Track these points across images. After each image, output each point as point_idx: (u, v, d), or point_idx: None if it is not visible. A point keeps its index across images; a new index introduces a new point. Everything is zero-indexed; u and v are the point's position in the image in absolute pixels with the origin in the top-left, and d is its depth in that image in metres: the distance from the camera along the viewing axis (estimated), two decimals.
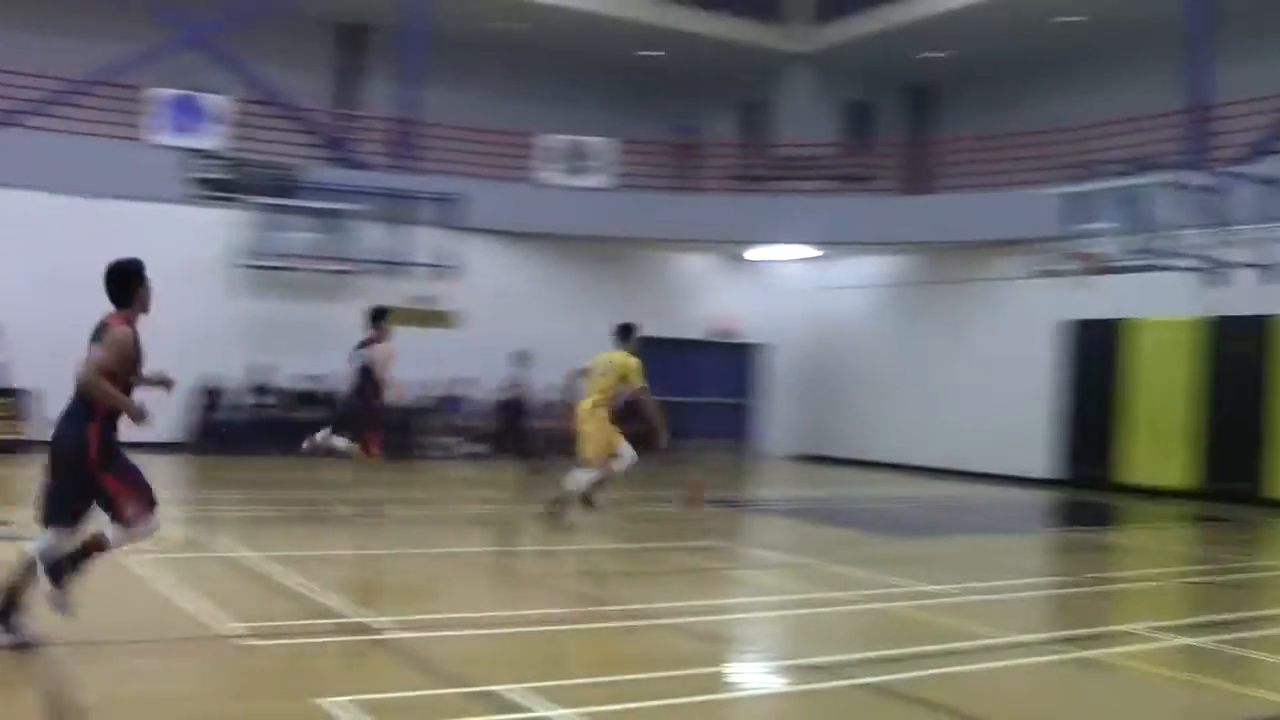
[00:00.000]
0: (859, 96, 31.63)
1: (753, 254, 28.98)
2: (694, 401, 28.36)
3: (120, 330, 7.28)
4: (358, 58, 29.13)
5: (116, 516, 7.28)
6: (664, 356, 28.76)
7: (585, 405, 13.76)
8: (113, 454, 7.30)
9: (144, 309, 7.53)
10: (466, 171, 26.60)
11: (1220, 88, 22.75)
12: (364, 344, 14.83)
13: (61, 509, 7.24)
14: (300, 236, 23.70)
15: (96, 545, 7.30)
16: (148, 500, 7.37)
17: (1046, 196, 20.83)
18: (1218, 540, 16.63)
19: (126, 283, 7.47)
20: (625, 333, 14.13)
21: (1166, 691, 7.69)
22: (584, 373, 14.04)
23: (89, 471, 7.20)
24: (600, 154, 26.69)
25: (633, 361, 13.80)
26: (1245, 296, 20.81)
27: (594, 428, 13.63)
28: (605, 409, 13.75)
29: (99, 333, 7.30)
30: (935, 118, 32.28)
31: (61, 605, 7.14)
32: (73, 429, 7.22)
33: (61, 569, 7.15)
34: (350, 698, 6.38)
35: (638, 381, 13.71)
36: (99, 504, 7.32)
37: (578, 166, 26.53)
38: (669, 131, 29.89)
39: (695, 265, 29.18)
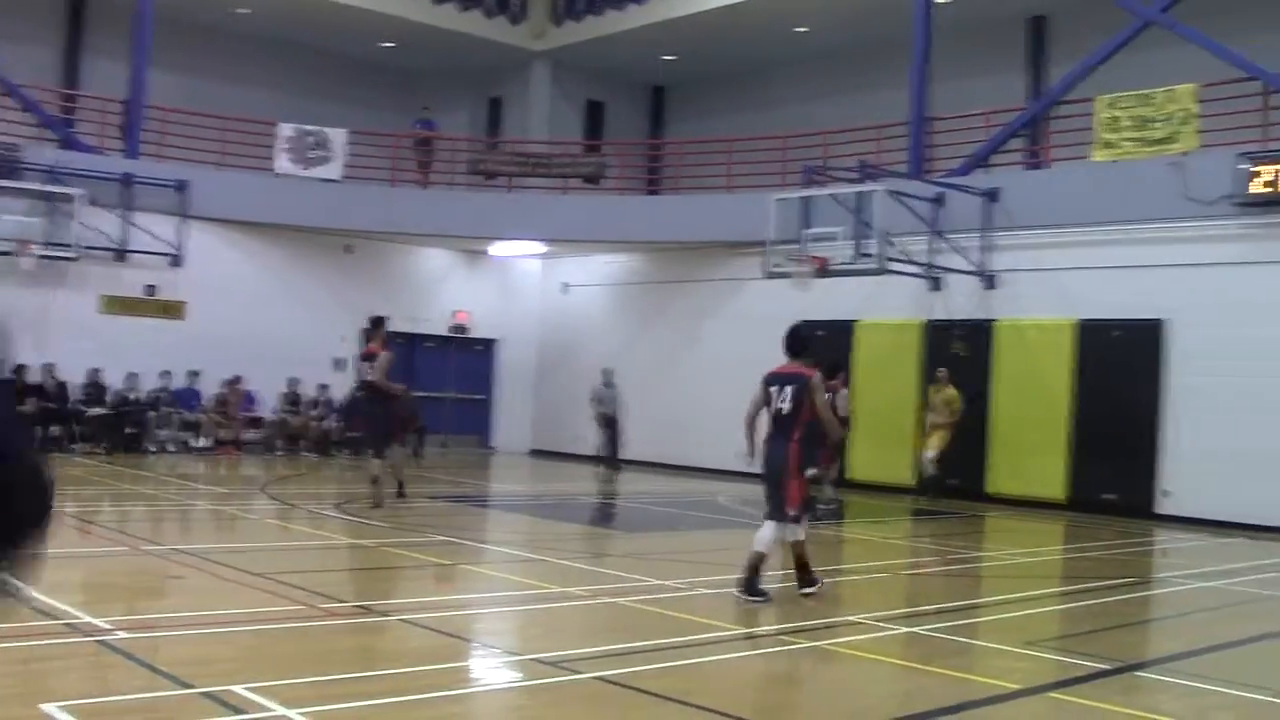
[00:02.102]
0: (596, 96, 31.93)
1: (490, 249, 28.95)
2: (435, 397, 28.20)
3: (818, 377, 10.59)
4: (84, 35, 28.00)
5: (783, 515, 10.13)
6: (403, 351, 28.60)
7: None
8: (803, 467, 10.26)
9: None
10: (198, 159, 25.87)
11: (941, 103, 23.71)
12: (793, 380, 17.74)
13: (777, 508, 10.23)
14: (20, 220, 22.58)
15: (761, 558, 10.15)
16: (807, 506, 10.40)
17: (776, 200, 21.38)
18: (940, 534, 17.30)
19: (807, 341, 11.13)
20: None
21: (890, 678, 7.95)
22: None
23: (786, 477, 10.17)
24: (336, 145, 26.23)
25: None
26: (968, 301, 21.81)
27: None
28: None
29: (791, 379, 10.43)
30: (670, 119, 32.85)
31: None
32: (780, 448, 10.20)
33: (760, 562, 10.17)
34: (77, 702, 6.12)
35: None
36: (773, 503, 10.27)
37: (313, 157, 26.02)
38: (409, 125, 29.61)
39: (434, 260, 28.97)
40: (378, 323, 16.59)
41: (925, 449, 20.95)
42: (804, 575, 10.35)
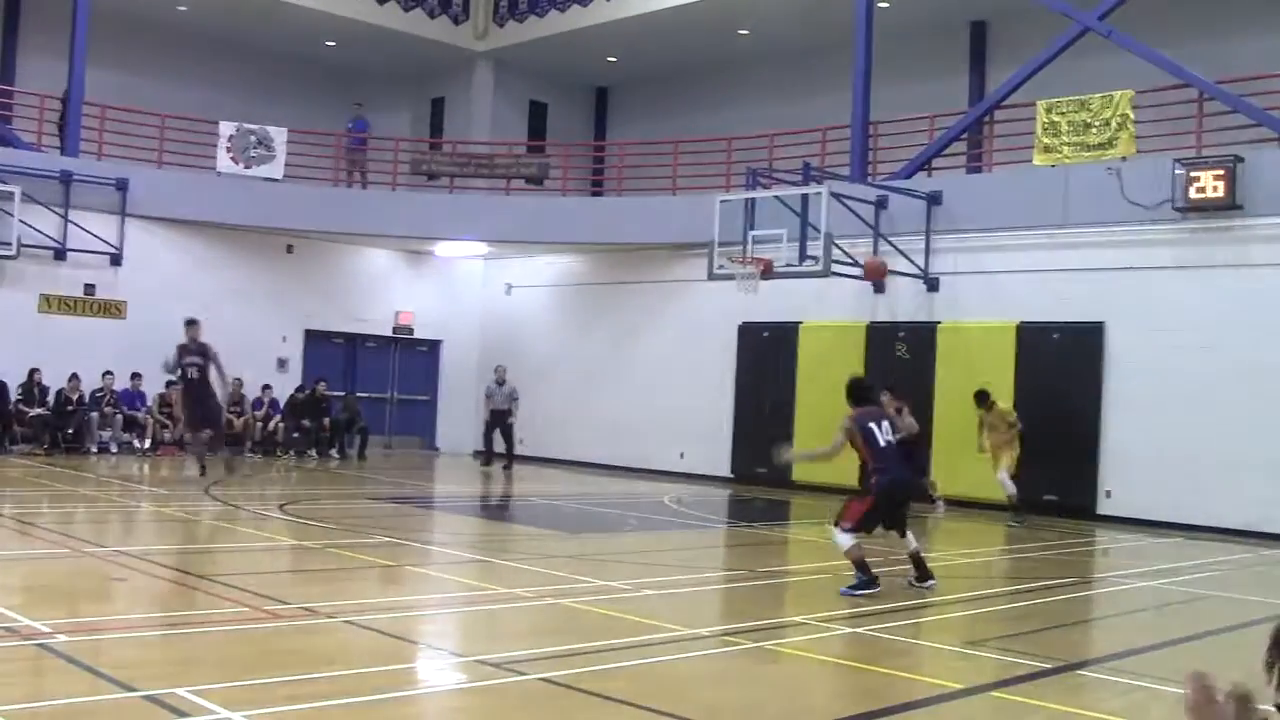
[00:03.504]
0: (539, 97, 31.89)
1: (433, 249, 28.86)
2: (378, 398, 28.07)
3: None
4: (20, 30, 27.63)
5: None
6: (345, 352, 28.48)
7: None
8: None
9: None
10: (137, 157, 25.63)
11: (883, 106, 23.82)
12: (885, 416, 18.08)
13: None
14: None
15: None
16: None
17: (720, 201, 21.43)
18: (883, 535, 17.35)
19: (871, 390, 12.62)
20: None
21: (833, 678, 8.00)
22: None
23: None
24: (277, 144, 26.07)
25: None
26: (911, 303, 21.95)
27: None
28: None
29: (883, 415, 12.12)
30: (613, 121, 32.85)
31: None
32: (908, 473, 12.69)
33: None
34: (16, 707, 6.05)
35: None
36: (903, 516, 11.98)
37: (254, 156, 25.84)
38: (350, 125, 29.41)
39: (375, 260, 28.83)
40: (191, 323, 19.25)
41: (997, 469, 18.89)
42: (921, 571, 11.76)
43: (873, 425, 11.65)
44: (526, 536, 15.58)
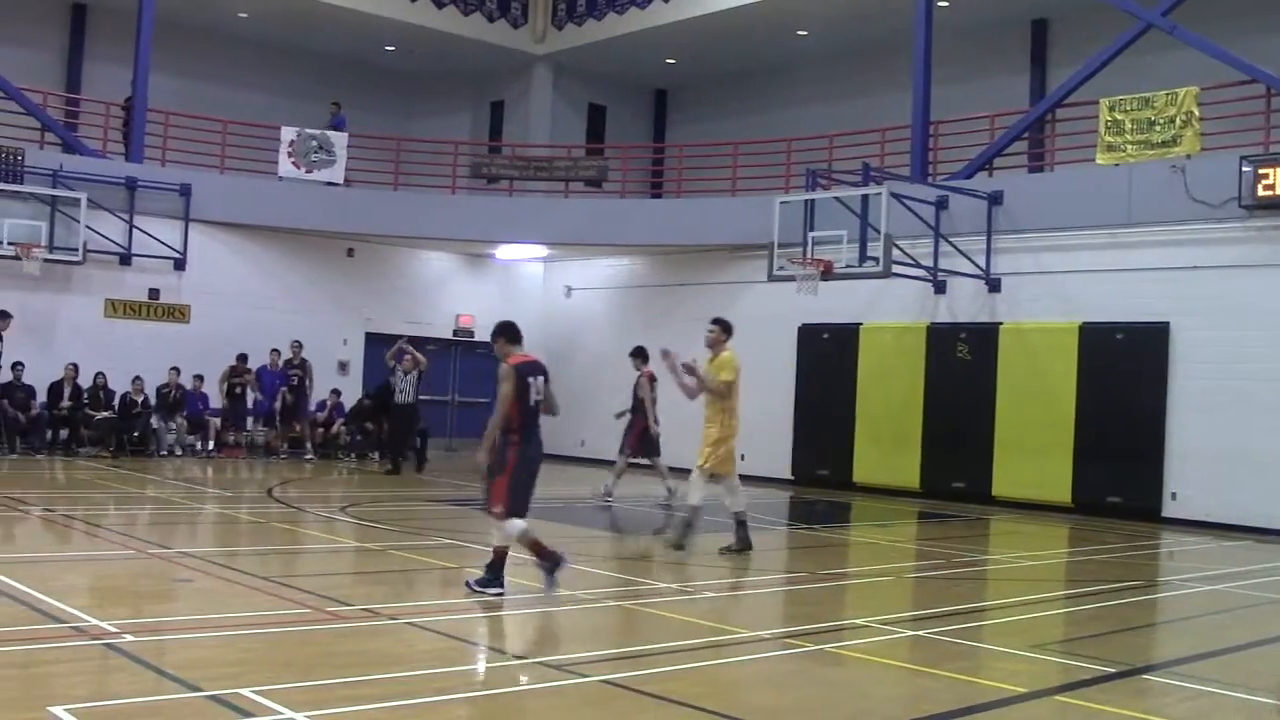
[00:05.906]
0: (597, 99, 31.94)
1: (493, 252, 28.95)
2: (439, 400, 28.17)
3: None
4: (85, 39, 27.99)
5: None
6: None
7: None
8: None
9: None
10: (200, 162, 25.88)
11: (944, 106, 23.66)
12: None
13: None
14: (25, 223, 22.58)
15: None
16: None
17: (780, 203, 21.36)
18: (945, 536, 17.28)
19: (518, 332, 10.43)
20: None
21: (895, 681, 7.94)
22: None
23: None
24: (338, 148, 26.24)
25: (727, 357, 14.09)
26: (972, 304, 21.80)
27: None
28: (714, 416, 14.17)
29: (542, 367, 10.39)
30: (672, 122, 32.85)
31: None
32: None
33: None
34: (84, 705, 6.13)
35: (727, 376, 14.16)
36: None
37: (315, 160, 26.02)
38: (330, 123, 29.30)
39: (435, 263, 28.96)
40: None
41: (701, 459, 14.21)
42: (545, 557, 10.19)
43: (530, 380, 10.17)
44: (585, 538, 15.56)
